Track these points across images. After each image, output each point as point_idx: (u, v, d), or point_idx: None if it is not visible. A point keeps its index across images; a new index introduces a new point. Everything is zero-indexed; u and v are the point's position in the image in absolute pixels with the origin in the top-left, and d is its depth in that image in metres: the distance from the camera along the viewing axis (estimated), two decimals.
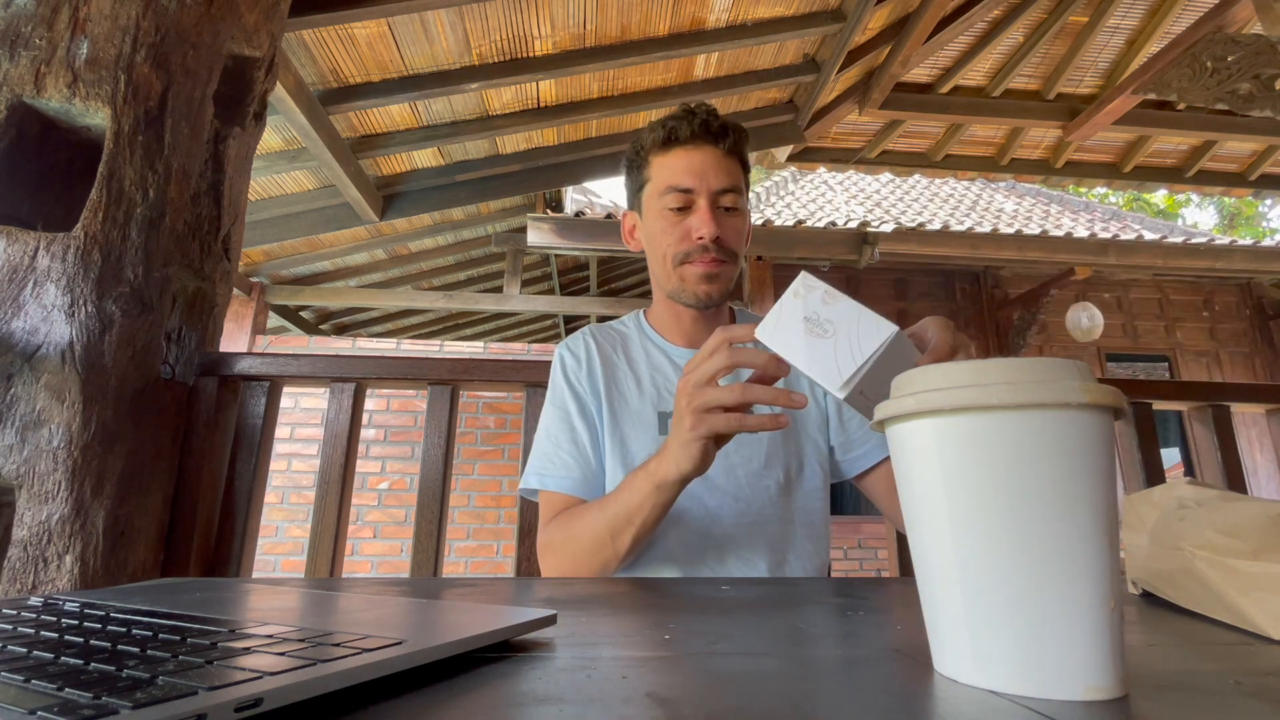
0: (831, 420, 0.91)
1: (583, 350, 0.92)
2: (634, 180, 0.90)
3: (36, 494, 0.93)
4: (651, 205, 0.86)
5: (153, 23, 1.09)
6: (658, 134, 0.84)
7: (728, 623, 0.41)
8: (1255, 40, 2.91)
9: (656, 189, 0.85)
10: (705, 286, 0.85)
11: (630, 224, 0.94)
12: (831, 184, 6.77)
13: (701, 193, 0.82)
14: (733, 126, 0.85)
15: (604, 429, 0.86)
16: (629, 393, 0.88)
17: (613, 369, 0.91)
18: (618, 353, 0.93)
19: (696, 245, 0.82)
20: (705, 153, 0.83)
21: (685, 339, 0.92)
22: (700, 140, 0.83)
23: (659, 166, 0.85)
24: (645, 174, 0.87)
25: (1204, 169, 4.62)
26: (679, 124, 0.83)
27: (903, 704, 0.25)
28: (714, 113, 0.85)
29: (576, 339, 0.95)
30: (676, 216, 0.83)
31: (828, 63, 3.40)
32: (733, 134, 0.85)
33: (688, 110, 0.85)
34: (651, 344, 0.93)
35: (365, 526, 3.90)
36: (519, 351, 4.52)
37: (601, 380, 0.89)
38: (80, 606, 0.36)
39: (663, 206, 0.84)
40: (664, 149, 0.85)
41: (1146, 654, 0.34)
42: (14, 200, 1.02)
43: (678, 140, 0.84)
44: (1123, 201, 13.70)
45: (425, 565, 1.15)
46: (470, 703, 0.25)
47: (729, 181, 0.84)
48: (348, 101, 2.78)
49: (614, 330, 0.97)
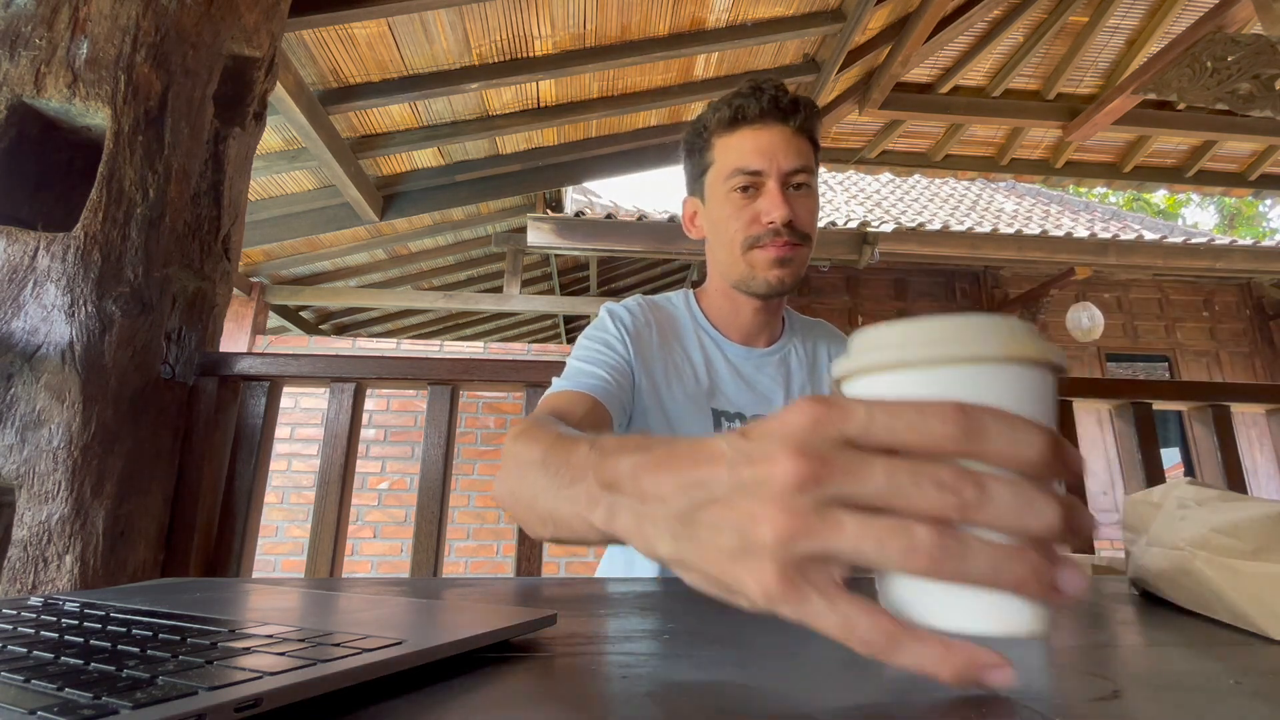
0: None
1: (634, 317, 0.85)
2: (695, 164, 0.85)
3: (36, 494, 0.93)
4: (717, 189, 0.81)
5: (153, 23, 1.09)
6: (723, 114, 0.79)
7: (728, 623, 0.41)
8: (1255, 40, 2.91)
9: (722, 172, 0.80)
10: (778, 271, 0.79)
11: (691, 210, 0.90)
12: (831, 184, 6.77)
13: (771, 174, 0.77)
14: (804, 102, 0.80)
15: (643, 392, 0.80)
16: (685, 374, 0.83)
17: (667, 341, 0.85)
18: (671, 330, 0.87)
19: (767, 229, 0.78)
20: (774, 131, 0.78)
21: (741, 334, 0.88)
22: (769, 118, 0.78)
23: (724, 148, 0.80)
24: (709, 157, 0.82)
25: (1204, 169, 4.62)
26: (746, 101, 0.78)
27: (903, 703, 0.25)
28: (782, 88, 0.80)
29: (629, 304, 0.87)
30: (744, 199, 0.79)
31: (828, 63, 3.40)
32: (803, 110, 0.79)
33: (755, 86, 0.79)
34: (705, 334, 0.88)
35: (365, 526, 3.90)
36: (519, 351, 4.52)
37: (656, 346, 0.83)
38: (80, 606, 0.36)
39: (729, 189, 0.79)
40: (730, 129, 0.80)
41: (1147, 654, 0.34)
42: (14, 200, 1.02)
43: (744, 119, 0.79)
44: (1122, 201, 13.69)
45: (425, 565, 1.15)
46: (470, 703, 0.25)
47: (800, 161, 0.79)
48: (348, 101, 2.78)
49: (665, 308, 0.91)
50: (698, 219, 0.89)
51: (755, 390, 0.85)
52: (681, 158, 0.90)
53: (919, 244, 4.61)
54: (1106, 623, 0.41)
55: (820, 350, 0.92)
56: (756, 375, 0.86)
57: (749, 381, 0.86)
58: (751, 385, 0.85)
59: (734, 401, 0.83)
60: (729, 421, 0.82)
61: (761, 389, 0.85)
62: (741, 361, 0.87)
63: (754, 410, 0.83)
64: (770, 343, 0.90)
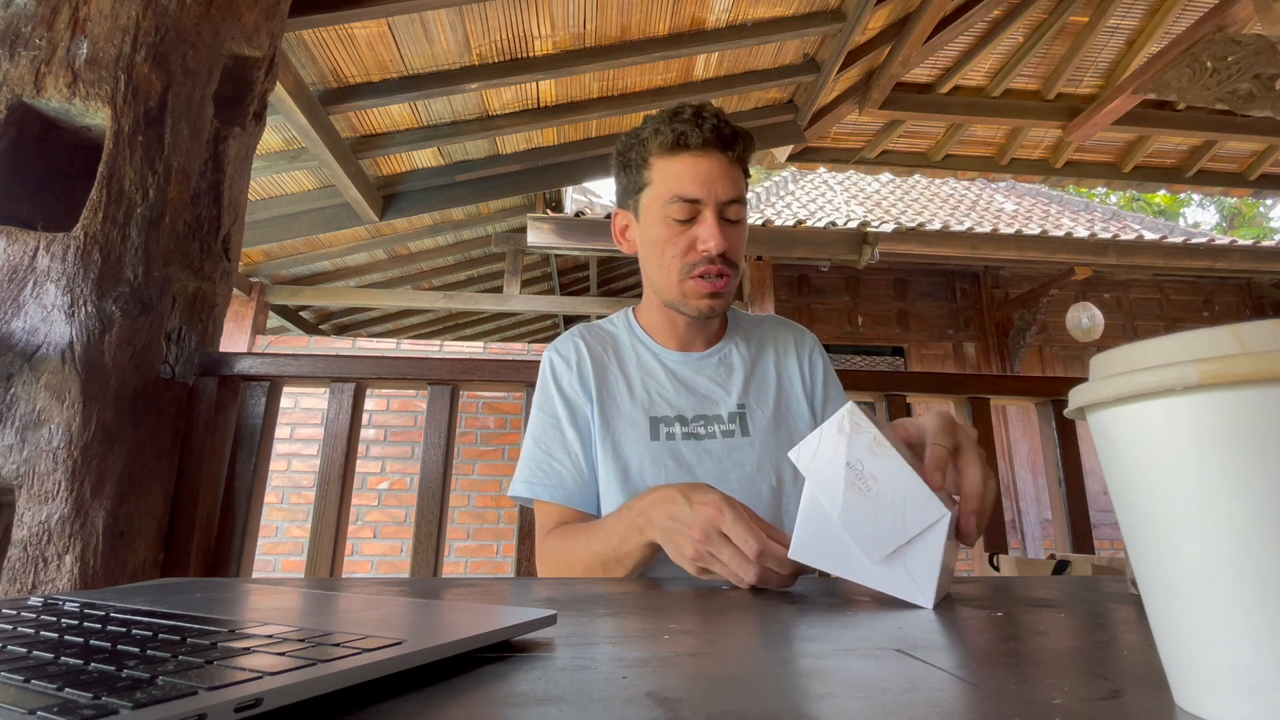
0: (818, 424, 0.91)
1: (573, 353, 0.90)
2: (631, 180, 0.86)
3: (36, 494, 0.93)
4: (653, 211, 0.83)
5: (153, 23, 1.09)
6: (665, 137, 0.81)
7: (728, 623, 0.41)
8: (1255, 40, 2.91)
9: (660, 195, 0.82)
10: (709, 303, 0.83)
11: (623, 224, 0.91)
12: (831, 184, 6.77)
13: (709, 203, 0.80)
14: (741, 133, 0.82)
15: (595, 432, 0.85)
16: (620, 396, 0.87)
17: (604, 371, 0.89)
18: (609, 354, 0.91)
19: (702, 257, 0.80)
20: (714, 160, 0.80)
21: (678, 342, 0.91)
22: (710, 148, 0.80)
23: (663, 171, 0.82)
24: (646, 176, 0.84)
25: (1204, 169, 4.63)
26: (688, 128, 0.80)
27: (904, 703, 0.25)
28: (723, 118, 0.82)
29: (565, 341, 0.92)
30: (680, 226, 0.81)
31: (828, 63, 3.40)
32: (741, 141, 0.82)
33: (696, 113, 0.81)
34: (643, 346, 0.92)
35: (365, 526, 3.90)
36: (519, 351, 4.52)
37: (594, 382, 0.87)
38: (80, 606, 0.36)
39: (666, 215, 0.81)
40: (670, 153, 0.81)
41: (1148, 654, 0.34)
42: (14, 200, 1.02)
43: (686, 146, 0.80)
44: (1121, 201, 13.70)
45: (425, 565, 1.15)
46: (470, 703, 0.25)
47: (735, 191, 0.81)
48: (348, 101, 2.78)
49: (603, 330, 0.95)
50: (629, 233, 0.91)
51: (695, 392, 0.88)
52: (614, 169, 0.91)
53: (919, 244, 4.61)
54: (1106, 623, 0.41)
55: (767, 345, 0.94)
56: (695, 378, 0.90)
57: (688, 385, 0.89)
58: (691, 388, 0.88)
59: (674, 405, 0.86)
60: (668, 426, 0.85)
61: (701, 390, 0.88)
62: (679, 366, 0.90)
63: (695, 411, 0.86)
64: (708, 345, 0.93)
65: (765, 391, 0.90)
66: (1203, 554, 0.21)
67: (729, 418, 0.86)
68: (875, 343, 5.53)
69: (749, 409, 0.87)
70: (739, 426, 0.86)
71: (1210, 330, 0.21)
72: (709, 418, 0.86)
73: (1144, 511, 0.23)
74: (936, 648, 0.33)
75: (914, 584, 0.45)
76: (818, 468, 0.48)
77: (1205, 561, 0.21)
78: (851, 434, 0.48)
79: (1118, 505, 0.25)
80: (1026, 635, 0.37)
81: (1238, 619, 0.21)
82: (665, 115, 0.83)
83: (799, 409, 0.90)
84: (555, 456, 0.84)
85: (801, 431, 0.89)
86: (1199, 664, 0.22)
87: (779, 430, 0.86)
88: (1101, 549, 3.97)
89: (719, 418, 0.86)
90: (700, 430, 0.85)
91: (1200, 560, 0.22)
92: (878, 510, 0.46)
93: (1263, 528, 0.20)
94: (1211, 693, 0.22)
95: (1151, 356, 0.22)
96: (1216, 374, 0.20)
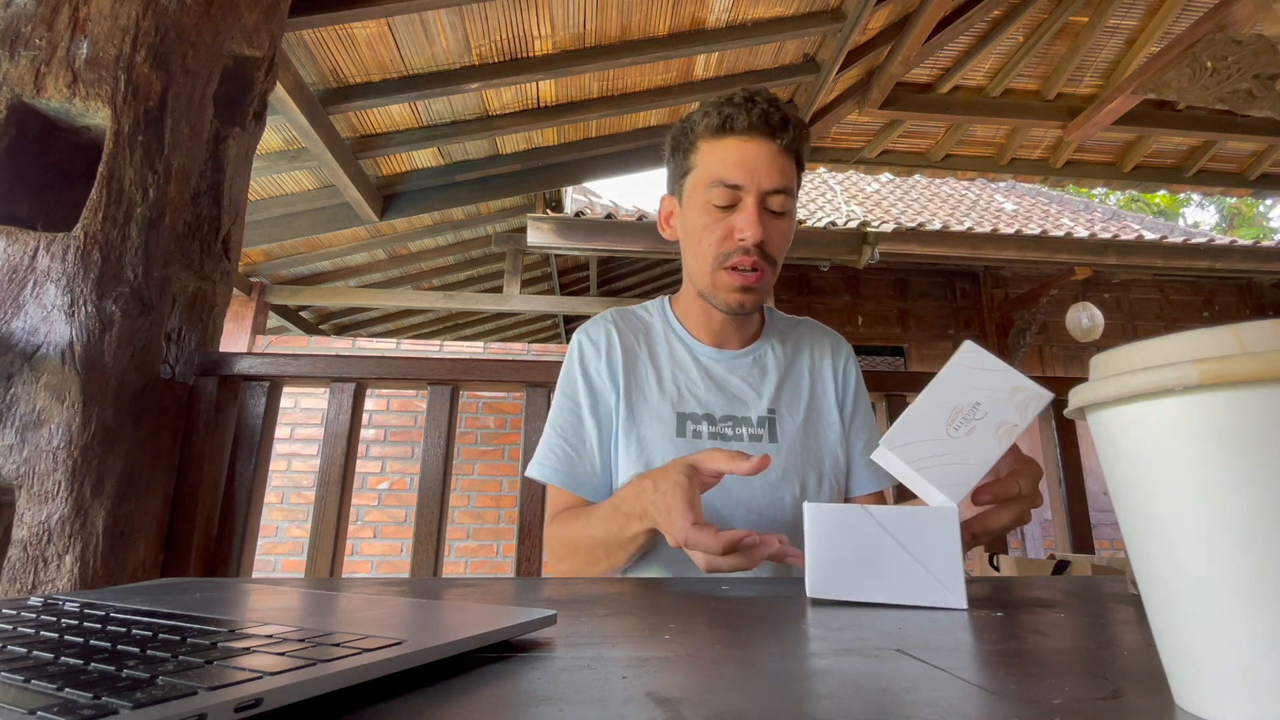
0: (845, 436, 0.89)
1: (603, 338, 0.87)
2: (678, 164, 0.84)
3: (36, 494, 0.93)
4: (695, 196, 0.81)
5: (153, 23, 1.09)
6: (712, 119, 0.78)
7: (728, 623, 0.41)
8: (1255, 40, 2.91)
9: (702, 179, 0.79)
10: (739, 297, 0.80)
11: (668, 210, 0.89)
12: (831, 184, 6.77)
13: (750, 190, 0.76)
14: (794, 120, 0.78)
15: (619, 422, 0.83)
16: (649, 388, 0.84)
17: (634, 360, 0.86)
18: (640, 343, 0.88)
19: (738, 246, 0.78)
20: (760, 146, 0.77)
21: (713, 338, 0.88)
22: (757, 132, 0.77)
23: (708, 154, 0.79)
24: (692, 160, 0.81)
25: (1204, 169, 4.62)
26: (736, 111, 0.77)
27: (904, 703, 0.25)
28: (775, 102, 0.78)
29: (597, 325, 0.89)
30: (720, 213, 0.78)
31: (828, 63, 3.40)
32: (793, 129, 0.78)
33: (747, 96, 0.78)
34: (676, 338, 0.89)
35: (365, 526, 3.90)
36: (519, 351, 4.51)
37: (622, 371, 0.84)
38: (80, 606, 0.36)
39: (707, 200, 0.78)
40: (716, 136, 0.78)
41: (1148, 653, 0.34)
42: (14, 200, 1.02)
43: (732, 129, 0.77)
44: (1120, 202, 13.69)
45: (425, 565, 1.15)
46: (470, 703, 0.25)
47: (781, 181, 0.77)
48: (348, 101, 2.78)
49: (637, 317, 0.92)
50: (673, 219, 0.88)
51: (726, 391, 0.86)
52: (666, 154, 0.89)
53: (919, 244, 4.61)
54: (1106, 623, 0.41)
55: (803, 350, 0.92)
56: (728, 376, 0.87)
57: (720, 383, 0.86)
58: (722, 387, 0.86)
59: (703, 403, 0.84)
60: (695, 424, 0.82)
61: (733, 390, 0.86)
62: (712, 363, 0.88)
63: (724, 411, 0.84)
64: (744, 344, 0.90)
65: (797, 398, 0.87)
66: (1203, 554, 0.21)
67: (758, 421, 0.84)
68: (875, 343, 5.53)
69: (779, 414, 0.85)
70: (768, 432, 0.83)
71: (1210, 330, 0.21)
72: (738, 419, 0.84)
73: (1144, 511, 0.23)
74: (936, 648, 0.33)
75: (941, 586, 0.44)
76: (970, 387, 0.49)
77: (1205, 561, 0.21)
78: (1011, 396, 0.49)
79: (1118, 505, 0.25)
80: (1026, 635, 0.37)
81: (1238, 619, 0.21)
82: (719, 99, 0.80)
83: (829, 418, 0.88)
84: (571, 444, 0.83)
85: (831, 444, 0.86)
86: (1199, 664, 0.22)
87: (807, 439, 0.84)
88: (1101, 549, 3.97)
89: (748, 420, 0.84)
90: (728, 431, 0.82)
91: (1200, 560, 0.22)
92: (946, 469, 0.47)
93: (1263, 528, 0.20)
94: (1211, 693, 0.22)
95: (1151, 356, 0.22)
96: (1216, 374, 0.20)
